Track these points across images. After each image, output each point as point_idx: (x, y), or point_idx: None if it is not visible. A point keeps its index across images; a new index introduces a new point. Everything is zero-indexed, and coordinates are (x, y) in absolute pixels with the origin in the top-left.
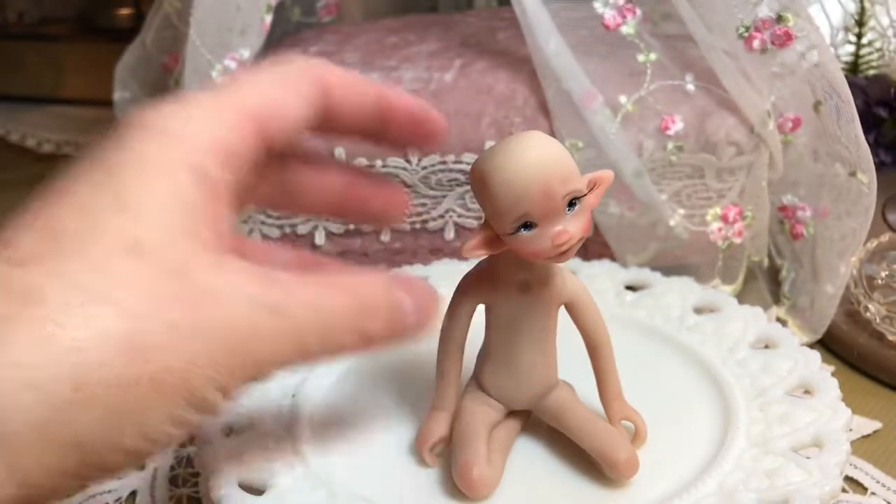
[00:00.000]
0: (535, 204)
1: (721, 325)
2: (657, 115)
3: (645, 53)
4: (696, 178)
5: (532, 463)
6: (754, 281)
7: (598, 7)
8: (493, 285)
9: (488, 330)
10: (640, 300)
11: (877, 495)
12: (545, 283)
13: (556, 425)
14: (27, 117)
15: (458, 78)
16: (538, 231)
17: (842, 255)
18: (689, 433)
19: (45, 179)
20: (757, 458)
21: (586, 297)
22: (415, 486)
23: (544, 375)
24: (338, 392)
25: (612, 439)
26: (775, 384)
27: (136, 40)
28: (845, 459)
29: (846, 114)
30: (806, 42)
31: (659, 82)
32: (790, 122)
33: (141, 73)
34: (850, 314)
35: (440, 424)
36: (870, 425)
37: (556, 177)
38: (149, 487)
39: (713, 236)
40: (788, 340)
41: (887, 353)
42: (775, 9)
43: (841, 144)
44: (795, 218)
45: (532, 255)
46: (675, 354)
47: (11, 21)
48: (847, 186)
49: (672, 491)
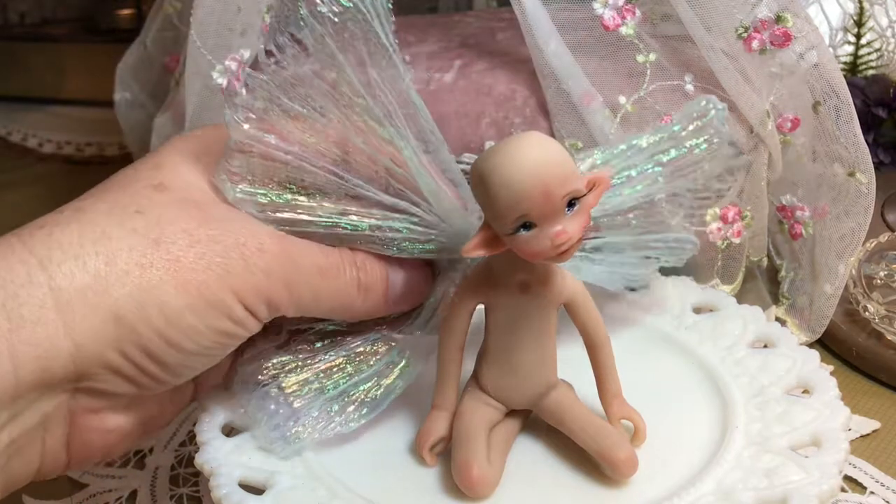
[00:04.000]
0: (534, 204)
1: (720, 325)
2: (656, 116)
3: (644, 54)
4: None
5: (532, 462)
6: (753, 280)
7: (598, 8)
8: (493, 285)
9: (488, 330)
10: (640, 300)
11: (875, 494)
12: (545, 283)
13: (555, 425)
14: (28, 118)
15: (457, 78)
16: (538, 231)
17: (840, 254)
18: (688, 432)
19: (47, 179)
20: (755, 457)
21: (586, 297)
22: (415, 486)
23: (544, 375)
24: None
25: (611, 438)
26: (774, 383)
27: (136, 41)
28: (844, 458)
29: (845, 114)
30: (805, 42)
31: (658, 83)
32: (789, 122)
33: (142, 73)
34: (848, 314)
35: (440, 424)
36: (868, 424)
37: (555, 177)
38: (149, 487)
39: (712, 236)
40: (787, 340)
41: (886, 353)
42: (774, 9)
43: (840, 144)
44: (794, 218)
45: (532, 256)
46: (674, 353)
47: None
48: (846, 186)
49: (671, 490)
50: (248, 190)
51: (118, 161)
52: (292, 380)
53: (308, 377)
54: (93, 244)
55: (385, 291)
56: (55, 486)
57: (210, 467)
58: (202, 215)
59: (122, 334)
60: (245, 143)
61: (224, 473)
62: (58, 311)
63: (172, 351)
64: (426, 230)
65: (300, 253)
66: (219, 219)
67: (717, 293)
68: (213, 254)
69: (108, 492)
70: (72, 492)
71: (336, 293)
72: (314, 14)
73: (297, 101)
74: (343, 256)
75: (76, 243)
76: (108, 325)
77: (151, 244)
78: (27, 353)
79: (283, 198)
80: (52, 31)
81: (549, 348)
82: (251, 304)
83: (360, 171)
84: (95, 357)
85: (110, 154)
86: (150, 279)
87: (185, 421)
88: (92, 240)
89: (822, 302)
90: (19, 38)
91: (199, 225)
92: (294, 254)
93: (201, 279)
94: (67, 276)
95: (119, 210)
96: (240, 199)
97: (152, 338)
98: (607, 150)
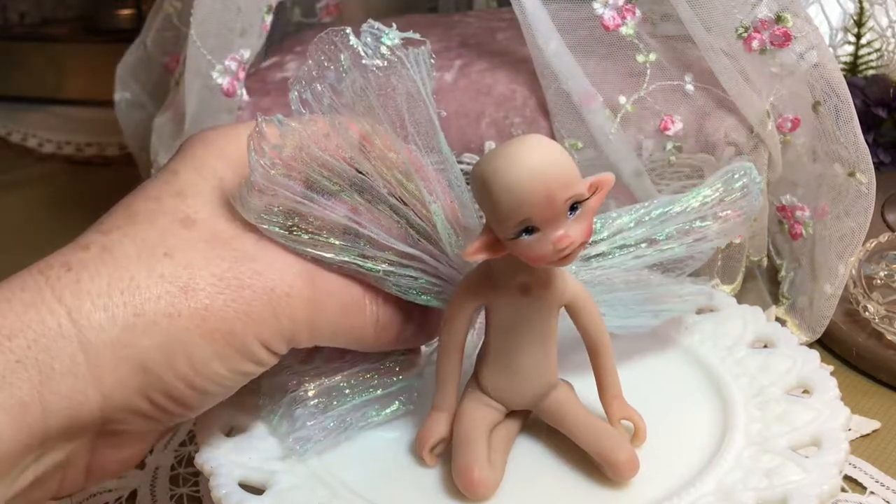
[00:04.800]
0: (536, 209)
1: (720, 325)
2: (656, 116)
3: (644, 54)
4: (696, 178)
5: (532, 463)
6: (753, 280)
7: (598, 8)
8: (494, 287)
9: (488, 331)
10: None
11: (876, 494)
12: (546, 285)
13: (555, 426)
14: (28, 118)
15: (457, 78)
16: (540, 235)
17: (841, 255)
18: (689, 432)
19: (47, 179)
20: (756, 457)
21: (586, 299)
22: (415, 486)
23: (544, 376)
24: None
25: (611, 439)
26: (774, 383)
27: (136, 41)
28: (844, 459)
29: (845, 114)
30: (805, 42)
31: (658, 83)
32: (789, 122)
33: (142, 73)
34: (848, 314)
35: (440, 425)
36: (869, 425)
37: (557, 182)
38: (149, 487)
39: None
40: (787, 340)
41: (886, 353)
42: (774, 9)
43: (840, 145)
44: (794, 218)
45: (534, 260)
46: (674, 354)
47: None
48: (846, 186)
49: (671, 490)
50: (271, 219)
51: (118, 161)
52: (316, 387)
53: (332, 385)
54: (121, 294)
55: (400, 332)
56: None
57: (210, 467)
58: (231, 255)
59: (149, 382)
60: (266, 185)
61: (224, 473)
62: (87, 364)
63: (195, 394)
64: (442, 282)
65: (327, 294)
66: (248, 258)
67: (718, 293)
68: (242, 300)
69: (108, 492)
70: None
71: (353, 329)
72: (357, 66)
73: (328, 152)
74: (366, 293)
75: (105, 293)
76: (136, 375)
77: (180, 292)
78: (57, 403)
79: (303, 236)
80: (52, 31)
81: (549, 350)
82: (274, 346)
83: (380, 221)
84: (122, 404)
85: (110, 154)
86: (178, 329)
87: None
88: (120, 289)
89: (822, 302)
90: (19, 38)
91: (228, 268)
92: (321, 297)
93: (228, 328)
94: (97, 329)
95: (147, 253)
96: (265, 229)
97: (178, 385)
98: (638, 210)
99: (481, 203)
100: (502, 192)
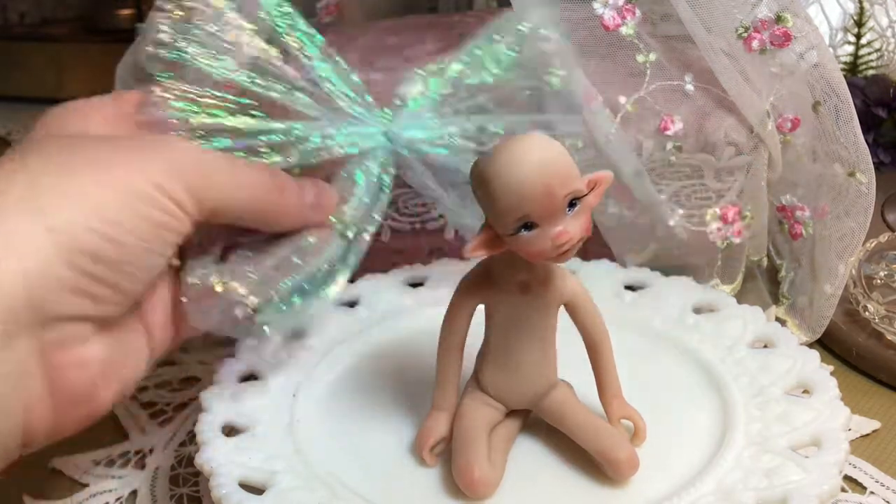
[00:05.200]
0: (535, 205)
1: (720, 325)
2: (656, 116)
3: (644, 54)
4: (696, 178)
5: (532, 462)
6: (753, 280)
7: (598, 8)
8: (493, 285)
9: (488, 330)
10: (640, 300)
11: (875, 494)
12: (545, 283)
13: (555, 425)
14: (28, 117)
15: None
16: (539, 231)
17: (840, 254)
18: (689, 432)
19: None
20: (756, 457)
21: (586, 297)
22: (415, 486)
23: (544, 375)
24: (338, 392)
25: (611, 438)
26: (774, 383)
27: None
28: (844, 459)
29: (845, 114)
30: (805, 42)
31: (658, 83)
32: (789, 122)
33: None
34: (848, 314)
35: (440, 424)
36: (869, 425)
37: (556, 178)
38: (149, 487)
39: (712, 236)
40: (787, 340)
41: (886, 353)
42: (774, 9)
43: (840, 144)
44: (794, 218)
45: (533, 256)
46: (674, 354)
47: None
48: (846, 186)
49: (671, 489)
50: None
51: None
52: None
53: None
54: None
55: (298, 192)
56: (55, 486)
57: (210, 467)
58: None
59: (61, 241)
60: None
61: (224, 473)
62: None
63: (113, 247)
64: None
65: (208, 149)
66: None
67: (718, 293)
68: (133, 146)
69: (108, 492)
70: (72, 492)
71: (251, 182)
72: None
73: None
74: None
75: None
76: (47, 237)
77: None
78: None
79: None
80: (52, 31)
81: (549, 348)
82: (172, 190)
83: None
84: (45, 274)
85: None
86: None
87: (186, 421)
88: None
89: (822, 302)
90: (19, 37)
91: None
92: (203, 150)
93: (123, 174)
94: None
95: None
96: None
97: (92, 238)
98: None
99: (481, 200)
100: (502, 188)
